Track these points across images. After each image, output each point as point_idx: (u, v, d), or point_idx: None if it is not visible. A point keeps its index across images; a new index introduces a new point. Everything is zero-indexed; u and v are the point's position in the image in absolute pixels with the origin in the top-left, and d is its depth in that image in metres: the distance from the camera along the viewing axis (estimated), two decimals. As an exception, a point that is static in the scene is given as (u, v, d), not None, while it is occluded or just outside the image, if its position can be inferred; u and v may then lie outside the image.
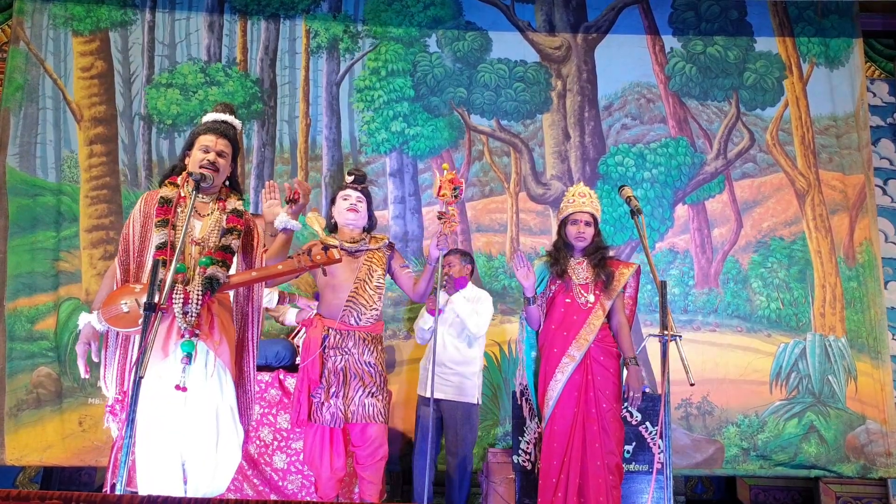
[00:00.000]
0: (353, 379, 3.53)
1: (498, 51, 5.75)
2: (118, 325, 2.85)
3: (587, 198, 3.89)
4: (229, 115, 3.24)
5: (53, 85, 5.53)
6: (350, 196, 3.76)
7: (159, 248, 2.95)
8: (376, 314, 3.66)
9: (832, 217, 5.52)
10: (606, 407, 3.63)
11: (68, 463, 5.01)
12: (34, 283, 5.20)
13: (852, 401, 5.24)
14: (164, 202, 3.05)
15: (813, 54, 5.78)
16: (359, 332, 3.59)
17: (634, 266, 3.92)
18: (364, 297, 3.62)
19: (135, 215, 3.06)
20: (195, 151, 3.12)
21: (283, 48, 5.71)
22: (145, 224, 3.03)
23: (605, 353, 3.70)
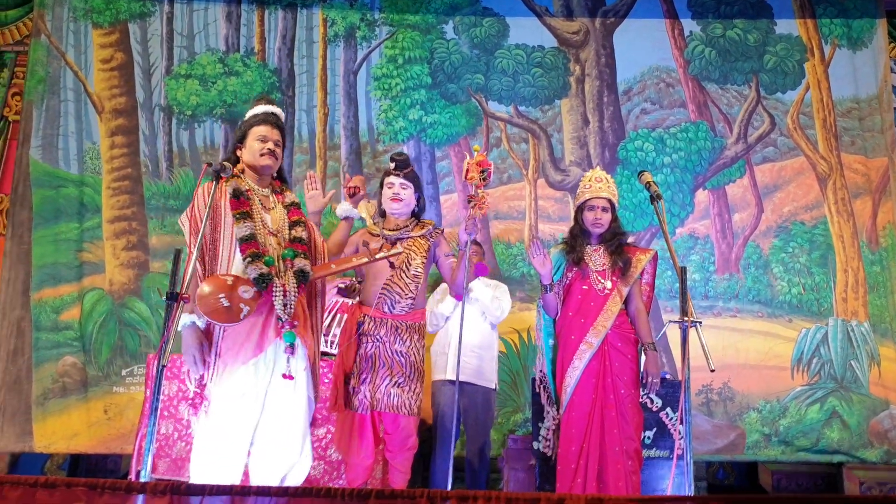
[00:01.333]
0: (382, 367, 3.49)
1: (515, 36, 5.72)
2: (219, 319, 2.81)
3: (604, 183, 3.81)
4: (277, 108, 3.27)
5: (74, 77, 5.58)
6: (393, 184, 3.63)
7: (245, 240, 2.94)
8: (411, 302, 3.54)
9: (854, 201, 5.46)
10: (625, 393, 3.62)
11: (94, 450, 5.10)
12: (58, 274, 5.27)
13: (875, 386, 5.20)
14: (238, 194, 3.02)
15: (835, 35, 5.70)
16: (393, 320, 3.52)
17: (652, 252, 3.89)
18: (400, 285, 3.52)
19: (201, 210, 2.97)
20: (251, 142, 3.11)
21: (300, 37, 5.73)
22: (214, 216, 2.99)
23: (622, 340, 3.69)
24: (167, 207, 5.46)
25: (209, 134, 5.59)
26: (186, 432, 3.95)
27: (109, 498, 2.15)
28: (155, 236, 5.40)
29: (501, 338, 5.21)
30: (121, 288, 5.31)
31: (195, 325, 2.90)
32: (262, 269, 2.90)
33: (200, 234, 2.85)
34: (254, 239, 2.96)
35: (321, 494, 2.13)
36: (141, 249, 5.38)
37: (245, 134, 3.15)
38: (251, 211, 3.02)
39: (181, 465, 3.92)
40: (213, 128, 5.59)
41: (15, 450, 5.05)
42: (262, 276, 2.89)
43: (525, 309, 5.29)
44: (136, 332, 5.26)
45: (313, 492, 2.14)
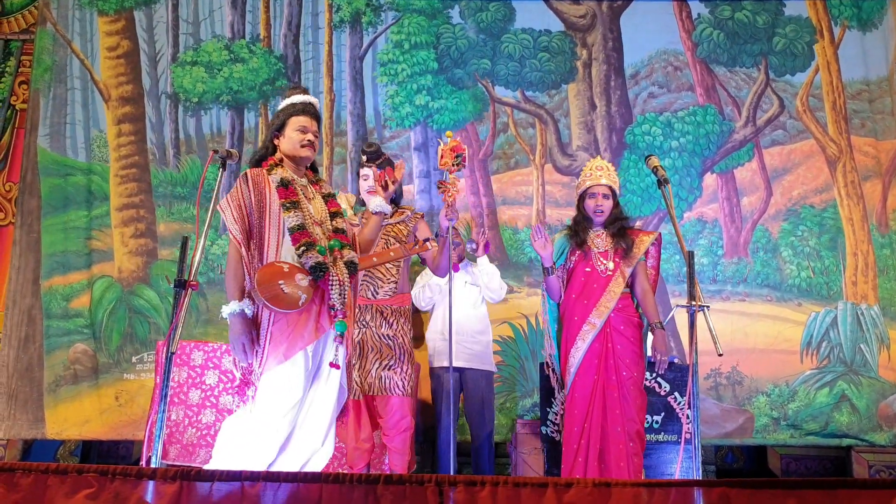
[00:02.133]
0: (371, 352, 3.57)
1: (522, 21, 5.69)
2: (279, 305, 2.80)
3: (604, 171, 3.86)
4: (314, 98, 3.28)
5: (81, 65, 5.58)
6: (368, 176, 3.73)
7: (297, 229, 2.94)
8: (394, 286, 3.66)
9: (864, 183, 5.42)
10: (627, 375, 3.63)
11: (106, 437, 5.14)
12: (68, 262, 5.30)
13: (885, 369, 5.18)
14: (286, 183, 3.01)
15: (845, 17, 5.64)
16: (377, 305, 3.61)
17: (655, 234, 3.90)
18: (381, 270, 3.63)
19: (246, 196, 2.97)
20: (291, 132, 3.09)
21: (305, 23, 5.71)
22: (259, 204, 2.97)
23: (625, 322, 3.70)
24: (174, 195, 5.47)
25: (216, 121, 5.59)
26: (196, 418, 3.99)
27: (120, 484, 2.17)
28: (163, 223, 5.42)
29: (510, 322, 5.23)
30: (130, 275, 5.34)
31: (244, 312, 2.88)
32: (318, 258, 2.90)
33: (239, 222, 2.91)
34: (305, 228, 2.96)
35: (330, 480, 2.15)
36: (149, 237, 5.40)
37: (284, 123, 3.12)
38: (299, 200, 3.01)
39: (192, 451, 3.95)
40: (220, 115, 5.59)
41: (27, 437, 5.09)
42: (319, 266, 2.89)
43: (533, 294, 5.29)
44: (146, 319, 5.29)
45: (322, 477, 2.16)
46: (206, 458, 3.91)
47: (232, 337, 2.89)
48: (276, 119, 3.15)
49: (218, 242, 5.36)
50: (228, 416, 3.03)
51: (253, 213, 2.94)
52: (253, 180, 2.99)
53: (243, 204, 2.94)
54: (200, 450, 3.94)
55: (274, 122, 3.16)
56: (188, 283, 2.80)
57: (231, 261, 2.94)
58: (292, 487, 2.13)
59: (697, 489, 2.06)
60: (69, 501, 2.14)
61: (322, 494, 2.12)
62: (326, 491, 2.12)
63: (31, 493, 2.15)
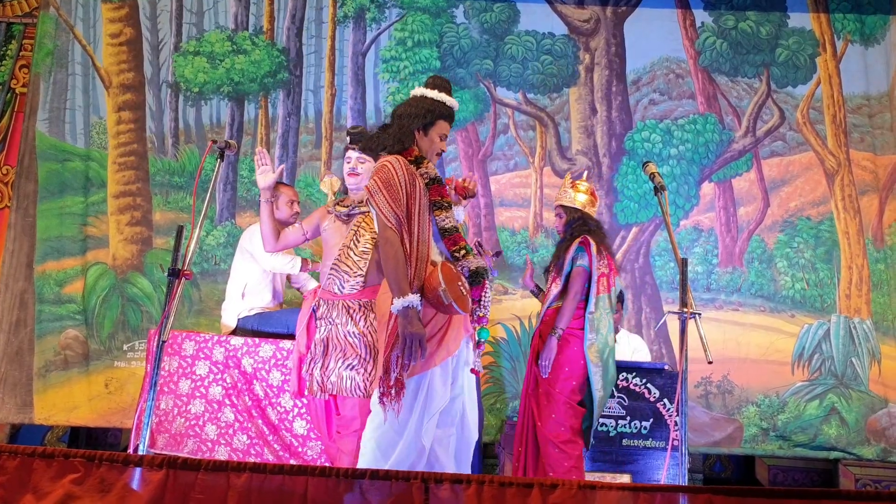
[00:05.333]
0: (335, 350, 3.34)
1: (526, 23, 5.69)
2: (463, 307, 2.75)
3: (561, 189, 4.03)
4: None
5: (83, 51, 5.57)
6: (350, 159, 3.48)
7: (453, 232, 2.87)
8: (361, 280, 3.33)
9: (861, 198, 5.44)
10: (545, 383, 3.75)
11: (94, 424, 5.13)
12: (62, 247, 5.29)
13: (875, 384, 5.19)
14: (437, 182, 2.90)
15: (848, 31, 5.65)
16: (343, 300, 3.35)
17: (579, 238, 3.89)
18: (348, 263, 3.35)
19: (404, 184, 2.80)
20: (434, 135, 2.97)
21: (309, 17, 5.71)
22: (408, 198, 2.81)
23: (545, 331, 3.84)
24: (172, 184, 5.46)
25: (215, 112, 5.58)
26: (185, 408, 3.97)
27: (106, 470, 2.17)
28: (159, 212, 5.41)
29: (503, 324, 5.23)
30: (124, 263, 5.33)
31: (413, 307, 2.71)
32: (478, 262, 2.87)
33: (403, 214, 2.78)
34: (458, 231, 2.89)
35: (316, 473, 2.15)
36: (145, 225, 5.39)
37: (433, 123, 2.95)
38: (451, 202, 2.94)
39: (180, 440, 3.94)
40: (220, 106, 5.58)
41: (15, 421, 5.08)
42: (481, 271, 2.86)
43: (527, 296, 5.29)
44: (139, 307, 5.28)
45: (308, 470, 2.16)
46: (194, 449, 3.91)
47: (409, 331, 2.69)
48: (427, 112, 2.95)
49: (213, 233, 5.36)
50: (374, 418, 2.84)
51: (407, 202, 2.80)
52: (408, 169, 2.83)
53: (402, 190, 2.78)
54: (188, 440, 3.93)
55: (419, 113, 2.95)
56: (182, 273, 2.80)
57: (393, 250, 2.75)
58: (278, 479, 2.13)
59: (683, 495, 2.06)
60: (55, 486, 2.14)
61: (308, 487, 2.12)
62: (312, 484, 2.11)
63: (17, 476, 2.15)
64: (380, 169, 2.83)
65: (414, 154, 2.91)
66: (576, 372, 3.75)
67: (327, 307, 3.39)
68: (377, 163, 2.90)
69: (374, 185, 2.80)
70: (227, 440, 3.92)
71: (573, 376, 3.75)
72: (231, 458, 3.84)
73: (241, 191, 5.47)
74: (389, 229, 2.75)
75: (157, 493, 2.12)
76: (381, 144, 2.94)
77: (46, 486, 2.13)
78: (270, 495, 2.11)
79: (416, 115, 2.94)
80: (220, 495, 2.12)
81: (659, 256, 5.39)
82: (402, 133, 2.92)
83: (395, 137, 2.91)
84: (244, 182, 5.46)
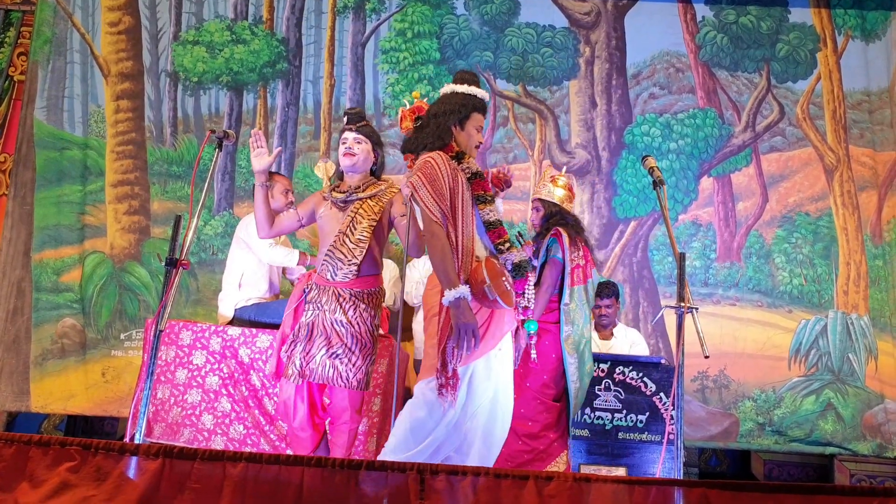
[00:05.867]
0: (319, 336, 3.26)
1: (526, 15, 5.67)
2: (508, 302, 2.77)
3: (539, 183, 4.00)
4: None
5: (81, 39, 5.56)
6: (347, 139, 3.39)
7: (497, 225, 2.89)
8: (355, 269, 3.28)
9: (860, 194, 5.44)
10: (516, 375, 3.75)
11: (91, 412, 5.13)
12: (60, 236, 5.29)
13: (872, 379, 5.20)
14: (478, 176, 2.92)
15: (849, 26, 5.64)
16: (335, 287, 3.28)
17: (552, 231, 3.90)
18: (342, 250, 3.28)
19: (448, 178, 2.84)
20: (471, 128, 3.01)
21: (309, 7, 5.69)
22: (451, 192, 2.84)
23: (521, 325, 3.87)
24: (170, 173, 5.46)
25: (214, 101, 5.57)
26: (182, 398, 3.98)
27: (103, 459, 2.17)
28: (157, 201, 5.41)
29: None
30: (121, 252, 5.33)
31: (464, 298, 2.73)
32: (522, 256, 2.87)
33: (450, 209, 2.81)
34: (501, 224, 2.91)
35: (312, 464, 2.15)
36: (142, 214, 5.39)
37: (468, 116, 3.00)
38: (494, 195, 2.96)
39: (176, 429, 3.95)
40: (219, 95, 5.57)
41: (11, 409, 5.08)
42: (524, 263, 2.87)
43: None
44: (136, 296, 5.28)
45: (304, 461, 2.16)
46: (190, 438, 3.91)
47: (463, 322, 2.70)
48: (461, 107, 2.99)
49: (211, 223, 5.35)
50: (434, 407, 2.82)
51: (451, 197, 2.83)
52: (450, 164, 2.87)
53: (445, 185, 2.82)
54: (185, 429, 3.94)
55: (453, 109, 2.99)
56: (179, 262, 2.80)
57: (440, 243, 2.77)
58: (274, 470, 2.13)
59: (678, 489, 2.07)
60: (51, 473, 2.14)
61: (304, 478, 2.12)
62: (308, 474, 2.12)
63: (13, 464, 2.15)
64: (423, 165, 2.87)
65: (454, 150, 2.95)
66: (547, 366, 3.76)
67: (318, 292, 3.32)
68: (419, 160, 2.93)
69: (417, 181, 2.83)
70: (223, 430, 3.93)
71: (545, 370, 3.76)
72: (227, 447, 3.84)
73: (238, 181, 5.46)
74: (435, 223, 2.79)
75: (153, 481, 2.13)
76: (421, 143, 2.99)
77: (42, 474, 2.14)
78: (266, 485, 2.12)
79: (451, 111, 2.99)
80: (216, 485, 2.12)
81: (657, 251, 5.39)
82: (440, 130, 2.97)
83: (434, 135, 2.96)
84: (242, 172, 5.45)
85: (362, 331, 3.29)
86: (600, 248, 5.39)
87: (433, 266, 2.82)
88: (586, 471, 3.90)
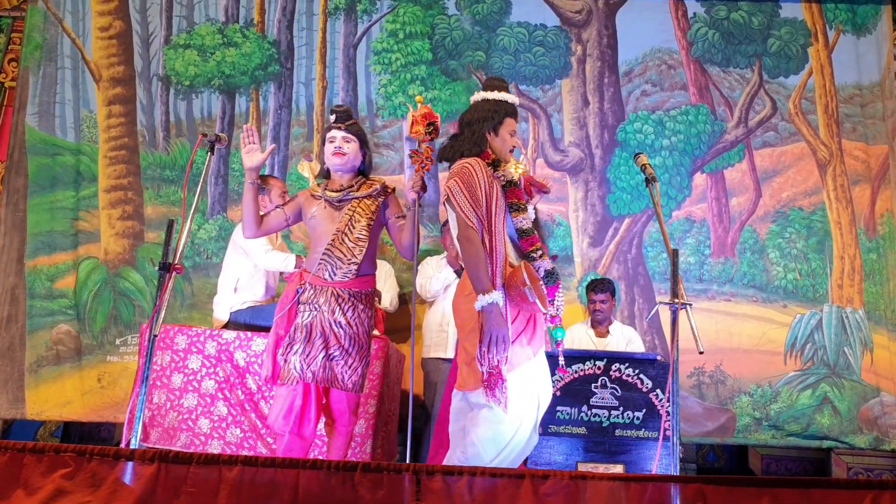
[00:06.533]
0: (318, 338, 3.20)
1: (518, 14, 5.68)
2: (543, 304, 2.79)
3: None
4: None
5: (72, 44, 5.54)
6: (335, 138, 3.33)
7: (530, 233, 2.94)
8: (355, 269, 3.25)
9: (853, 188, 5.45)
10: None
11: (87, 418, 5.12)
12: (53, 242, 5.27)
13: (867, 373, 5.21)
14: (513, 184, 2.96)
15: (840, 21, 5.65)
16: (333, 287, 3.23)
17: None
18: (342, 249, 3.24)
19: (483, 185, 2.89)
20: (505, 133, 3.06)
21: (300, 9, 5.68)
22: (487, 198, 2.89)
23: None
24: (163, 178, 5.45)
25: (206, 105, 5.56)
26: (178, 402, 3.97)
27: (97, 464, 2.16)
28: (150, 206, 5.39)
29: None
30: (116, 257, 5.32)
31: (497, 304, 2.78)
32: (551, 264, 2.91)
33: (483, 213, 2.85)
34: (534, 232, 2.95)
35: (308, 466, 2.15)
36: (136, 219, 5.37)
37: (501, 122, 3.05)
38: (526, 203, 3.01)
39: (173, 434, 3.94)
40: (211, 99, 5.56)
41: (7, 416, 5.07)
42: (554, 272, 2.90)
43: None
44: (131, 301, 5.27)
45: (300, 463, 2.16)
46: (187, 443, 3.91)
47: (495, 327, 2.75)
48: (490, 113, 3.04)
49: (205, 227, 5.34)
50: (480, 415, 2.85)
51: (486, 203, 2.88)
52: (486, 171, 2.92)
53: (481, 191, 2.87)
54: (181, 434, 3.93)
55: (487, 116, 3.04)
56: (172, 266, 2.79)
57: (475, 248, 2.82)
58: (270, 472, 2.13)
59: (674, 485, 2.07)
60: (45, 480, 2.14)
61: (299, 480, 2.12)
62: (304, 477, 2.11)
63: (7, 471, 2.15)
64: (460, 171, 2.92)
65: (491, 157, 3.00)
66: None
67: (314, 292, 3.25)
68: (455, 165, 2.98)
69: (455, 186, 2.87)
70: (220, 434, 3.92)
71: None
72: (224, 451, 3.84)
73: (232, 184, 5.45)
74: (470, 228, 2.84)
75: (148, 486, 2.12)
76: (458, 151, 3.03)
77: (37, 481, 2.13)
78: (262, 488, 2.11)
79: (485, 118, 3.03)
80: (212, 488, 2.12)
81: (651, 247, 5.40)
82: (476, 138, 3.02)
83: (471, 142, 3.02)
84: (235, 175, 5.44)
85: (360, 332, 3.26)
86: (594, 246, 5.39)
87: (467, 270, 2.87)
88: (584, 468, 3.90)
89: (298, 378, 3.21)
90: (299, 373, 3.20)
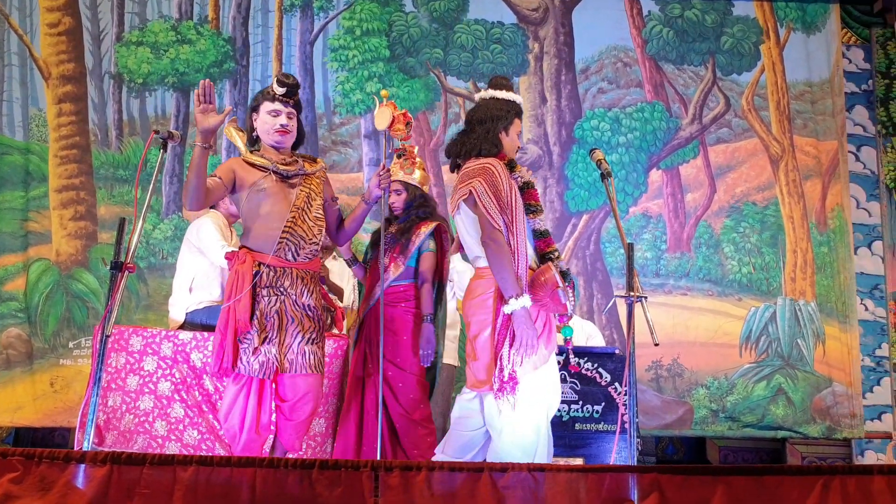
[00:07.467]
0: (291, 323, 3.04)
1: (475, 11, 5.68)
2: (567, 308, 2.88)
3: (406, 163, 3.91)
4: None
5: (19, 41, 5.41)
6: (280, 112, 3.14)
7: (547, 234, 2.99)
8: (315, 249, 3.14)
9: (805, 183, 5.56)
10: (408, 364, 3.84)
11: (40, 424, 5.00)
12: (2, 244, 5.15)
13: (820, 364, 5.33)
14: (529, 186, 3.01)
15: (790, 19, 5.77)
16: (296, 269, 3.08)
17: (433, 224, 3.88)
18: (303, 228, 3.09)
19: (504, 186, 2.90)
20: (514, 134, 3.08)
21: (255, 6, 5.62)
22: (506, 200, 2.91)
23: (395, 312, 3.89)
24: (116, 177, 5.34)
25: (160, 103, 5.46)
26: (134, 405, 3.89)
27: (47, 468, 2.12)
28: (104, 206, 5.29)
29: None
30: (68, 259, 5.20)
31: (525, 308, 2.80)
32: (565, 265, 2.97)
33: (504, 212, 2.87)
34: (550, 234, 3.00)
35: (264, 465, 2.12)
36: (89, 220, 5.26)
37: (512, 122, 3.07)
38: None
39: (129, 437, 3.86)
40: (165, 96, 5.47)
41: (-44, 422, 4.94)
42: (569, 272, 2.97)
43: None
44: (84, 303, 5.16)
45: (256, 462, 2.13)
46: (144, 446, 3.83)
47: (525, 328, 2.78)
48: (503, 112, 3.04)
49: (160, 227, 5.26)
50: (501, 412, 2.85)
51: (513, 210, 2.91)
52: (506, 173, 2.93)
53: (503, 192, 2.88)
54: (138, 437, 3.85)
55: (500, 115, 3.03)
56: (125, 266, 2.74)
57: (503, 250, 2.82)
58: (226, 472, 2.10)
59: (631, 475, 2.09)
60: (-8, 486, 2.08)
61: (256, 479, 2.09)
62: (260, 475, 2.09)
63: (-47, 477, 2.09)
64: (483, 171, 2.89)
65: (506, 158, 2.99)
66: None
67: (275, 275, 3.06)
68: (474, 165, 2.94)
69: (480, 188, 2.85)
70: (177, 436, 3.85)
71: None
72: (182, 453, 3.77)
73: (188, 183, 5.37)
74: (497, 230, 2.83)
75: (100, 489, 2.08)
76: (473, 148, 3.01)
77: (-16, 486, 2.07)
78: (218, 487, 2.09)
79: (498, 117, 3.01)
80: (167, 489, 2.09)
81: (609, 243, 5.45)
82: (491, 137, 3.00)
83: (488, 141, 3.00)
84: (191, 174, 5.35)
85: (320, 313, 3.18)
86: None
87: (494, 273, 2.84)
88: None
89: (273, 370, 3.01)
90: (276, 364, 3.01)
